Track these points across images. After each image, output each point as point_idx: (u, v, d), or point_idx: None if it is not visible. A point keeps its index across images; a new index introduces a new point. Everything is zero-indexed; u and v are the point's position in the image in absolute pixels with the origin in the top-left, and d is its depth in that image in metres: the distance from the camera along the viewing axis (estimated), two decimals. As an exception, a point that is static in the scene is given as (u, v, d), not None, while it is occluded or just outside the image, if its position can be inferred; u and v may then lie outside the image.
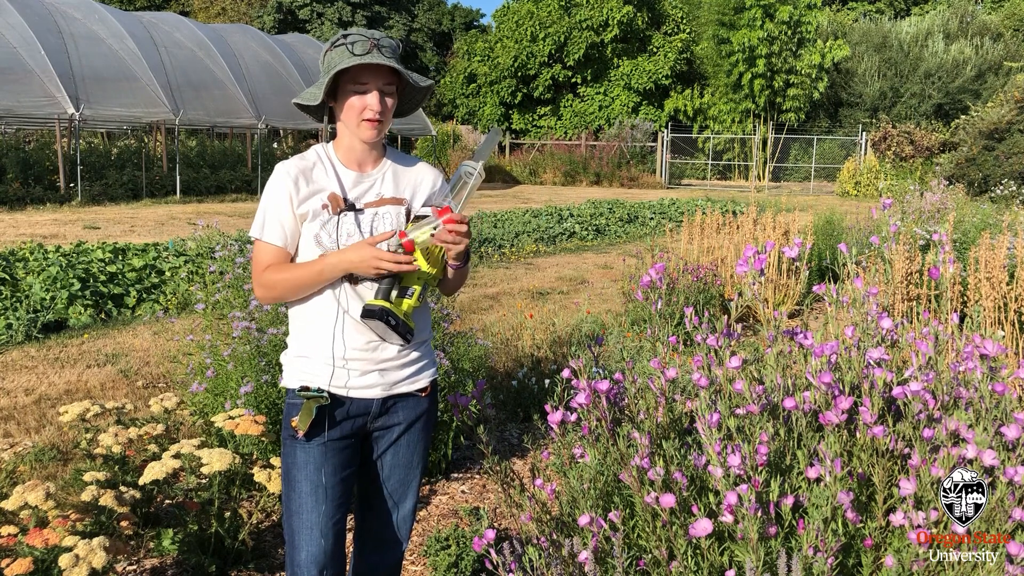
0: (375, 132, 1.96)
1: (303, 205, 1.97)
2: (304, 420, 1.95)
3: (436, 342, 3.95)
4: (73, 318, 6.73)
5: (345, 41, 1.90)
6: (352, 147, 2.02)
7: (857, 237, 8.50)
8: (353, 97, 1.93)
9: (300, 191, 1.97)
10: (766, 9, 30.60)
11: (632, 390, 2.08)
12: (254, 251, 2.03)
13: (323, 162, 2.03)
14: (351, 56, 1.88)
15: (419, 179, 2.10)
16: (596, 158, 29.76)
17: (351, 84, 1.93)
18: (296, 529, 2.00)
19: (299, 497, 2.00)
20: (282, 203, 1.97)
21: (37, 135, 21.16)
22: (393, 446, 2.11)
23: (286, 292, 1.99)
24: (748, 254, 1.99)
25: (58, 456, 3.95)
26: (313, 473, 1.99)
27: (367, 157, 2.04)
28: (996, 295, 4.47)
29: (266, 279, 1.99)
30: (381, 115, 1.94)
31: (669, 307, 6.18)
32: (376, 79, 1.93)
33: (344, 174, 2.02)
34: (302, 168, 2.00)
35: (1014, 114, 21.10)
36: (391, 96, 1.97)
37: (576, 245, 12.93)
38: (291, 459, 2.02)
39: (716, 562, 1.67)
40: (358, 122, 1.95)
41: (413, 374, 2.08)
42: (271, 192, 1.99)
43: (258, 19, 39.88)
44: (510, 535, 3.22)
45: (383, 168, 2.06)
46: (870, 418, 1.73)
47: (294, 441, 2.01)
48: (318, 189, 1.99)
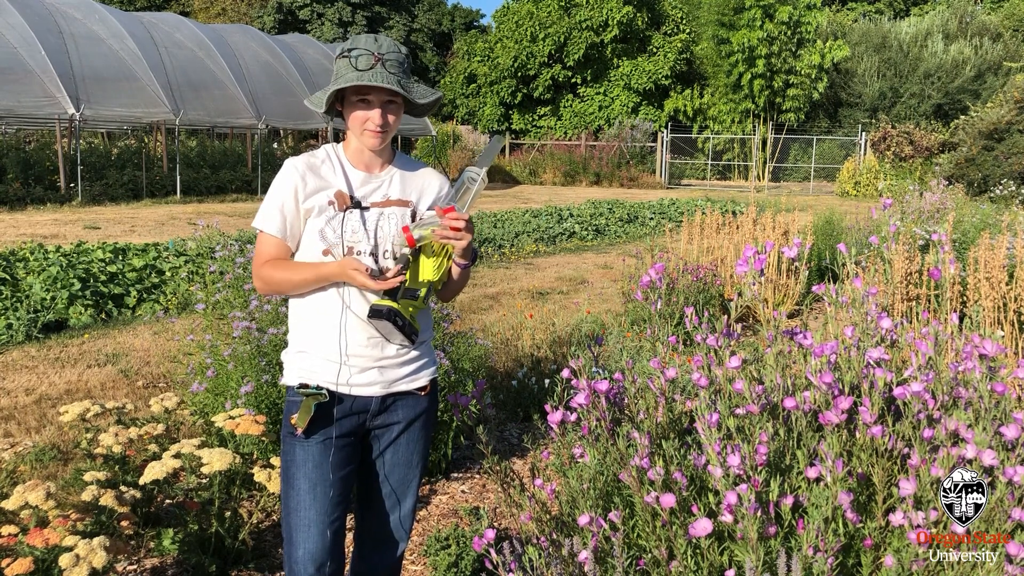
0: (378, 141, 2.01)
1: (309, 200, 2.01)
2: (303, 417, 1.96)
3: (436, 342, 3.95)
4: (73, 318, 6.73)
5: (350, 55, 1.93)
6: (361, 150, 2.06)
7: (857, 237, 8.51)
8: (357, 109, 1.97)
9: (307, 185, 2.01)
10: (766, 9, 30.60)
11: (632, 390, 2.09)
12: (257, 242, 2.08)
13: (332, 160, 2.07)
14: (354, 71, 1.91)
15: (426, 184, 2.14)
16: (596, 158, 29.76)
17: (355, 96, 1.97)
18: (294, 526, 2.00)
19: (297, 495, 2.00)
20: (287, 195, 2.01)
21: (37, 135, 21.16)
22: (393, 444, 2.11)
23: (284, 289, 2.04)
24: (748, 254, 1.99)
25: (58, 456, 3.95)
26: (312, 471, 2.00)
27: (375, 161, 2.08)
28: (995, 295, 4.48)
29: (264, 274, 2.03)
30: (383, 127, 1.98)
31: (669, 307, 6.19)
32: (379, 95, 1.96)
33: (352, 174, 2.06)
34: (310, 164, 2.04)
35: (1013, 114, 21.10)
36: (395, 111, 2.00)
37: (576, 245, 12.93)
38: (290, 456, 2.03)
39: (716, 562, 1.67)
40: (361, 131, 1.99)
41: (412, 372, 2.09)
42: (278, 184, 2.03)
43: (258, 19, 39.89)
44: (510, 535, 3.22)
45: (391, 171, 2.10)
46: (870, 418, 1.73)
47: (293, 439, 2.01)
48: (325, 185, 2.02)
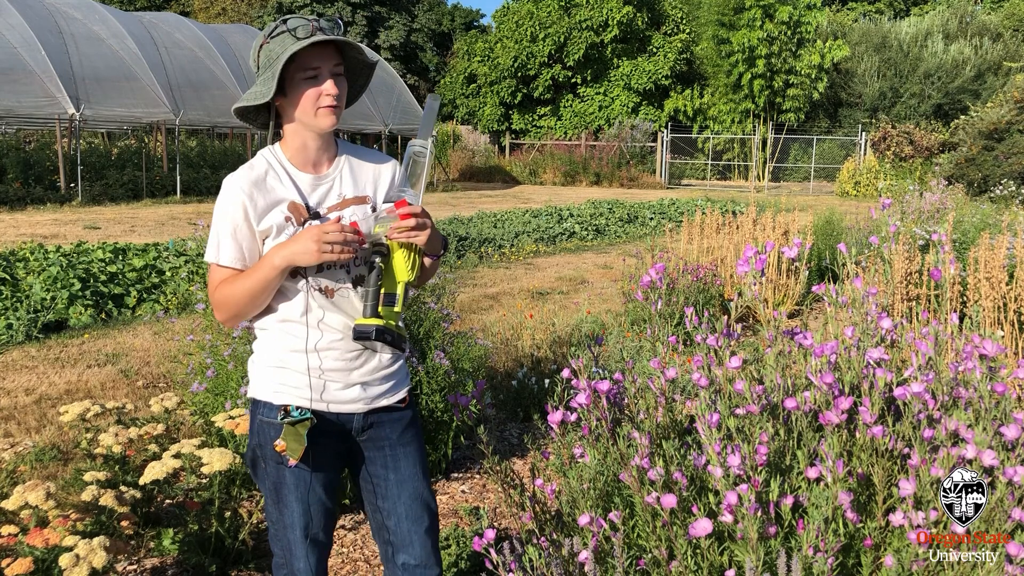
0: (334, 119, 1.83)
1: (263, 221, 1.83)
2: (295, 448, 1.83)
3: (436, 342, 3.95)
4: (73, 318, 6.74)
5: (286, 27, 1.78)
6: (305, 145, 1.88)
7: (857, 237, 8.50)
8: (305, 86, 1.80)
9: (257, 205, 1.82)
10: (766, 9, 30.60)
11: (632, 390, 2.09)
12: (209, 277, 1.88)
13: (275, 169, 1.87)
14: (296, 41, 1.75)
15: (378, 172, 1.98)
16: (596, 158, 29.76)
17: (300, 73, 1.79)
18: (292, 540, 1.94)
19: (292, 514, 1.93)
20: (238, 219, 1.82)
21: (37, 135, 21.18)
22: (392, 466, 2.01)
23: (240, 306, 1.84)
24: (748, 254, 1.99)
25: (58, 456, 3.95)
26: (305, 493, 1.92)
27: (322, 156, 1.91)
28: (995, 295, 4.47)
29: (217, 298, 1.85)
30: (338, 99, 1.82)
31: (669, 307, 6.19)
32: (326, 62, 1.80)
33: (300, 178, 1.88)
34: (254, 179, 1.84)
35: (1013, 114, 21.10)
36: (342, 78, 1.84)
37: (576, 245, 12.93)
38: (279, 480, 1.92)
39: (716, 562, 1.67)
40: (315, 111, 1.81)
41: (393, 387, 1.99)
42: (224, 210, 1.83)
43: (258, 19, 39.89)
44: (510, 535, 3.22)
45: (339, 165, 1.93)
46: (870, 418, 1.73)
47: (279, 465, 1.90)
48: (276, 200, 1.84)
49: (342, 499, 3.52)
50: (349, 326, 1.89)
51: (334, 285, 1.88)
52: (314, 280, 1.86)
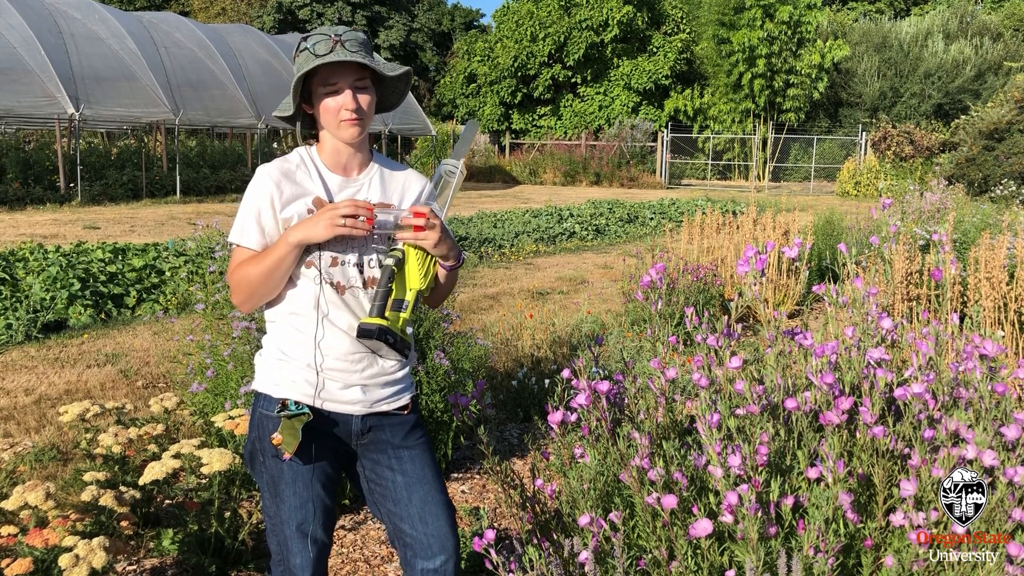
0: (357, 130, 1.88)
1: (287, 209, 1.88)
2: (290, 442, 1.84)
3: (436, 342, 3.95)
4: (73, 318, 6.73)
5: (307, 44, 1.83)
6: (337, 150, 1.94)
7: (857, 237, 8.50)
8: (327, 100, 1.86)
9: (283, 193, 1.88)
10: (766, 9, 30.60)
11: (632, 390, 2.09)
12: (231, 258, 1.92)
13: (306, 165, 1.94)
14: (314, 58, 1.80)
15: (407, 185, 2.02)
16: (596, 158, 29.76)
17: (321, 87, 1.85)
18: (288, 536, 1.95)
19: (289, 509, 1.93)
20: (263, 205, 1.88)
21: (37, 135, 21.18)
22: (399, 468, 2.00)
23: (255, 286, 1.86)
24: (749, 254, 1.99)
25: (58, 456, 3.95)
26: (302, 489, 1.92)
27: (353, 161, 1.96)
28: (996, 295, 4.47)
29: (235, 279, 1.88)
30: (358, 112, 1.86)
31: (669, 307, 6.18)
32: (345, 77, 1.85)
33: (330, 178, 1.94)
34: (284, 170, 1.91)
35: (1014, 114, 21.11)
36: (365, 92, 1.88)
37: (576, 245, 12.93)
38: (277, 474, 1.93)
39: (716, 562, 1.67)
40: (337, 123, 1.87)
41: (395, 394, 1.98)
42: (252, 195, 1.89)
43: (258, 19, 39.89)
44: (510, 535, 3.22)
45: (370, 173, 1.98)
46: (870, 418, 1.73)
47: (276, 459, 1.92)
48: (302, 192, 1.89)
49: (342, 499, 3.52)
50: (355, 327, 1.89)
51: (346, 282, 1.90)
52: (327, 273, 1.88)
